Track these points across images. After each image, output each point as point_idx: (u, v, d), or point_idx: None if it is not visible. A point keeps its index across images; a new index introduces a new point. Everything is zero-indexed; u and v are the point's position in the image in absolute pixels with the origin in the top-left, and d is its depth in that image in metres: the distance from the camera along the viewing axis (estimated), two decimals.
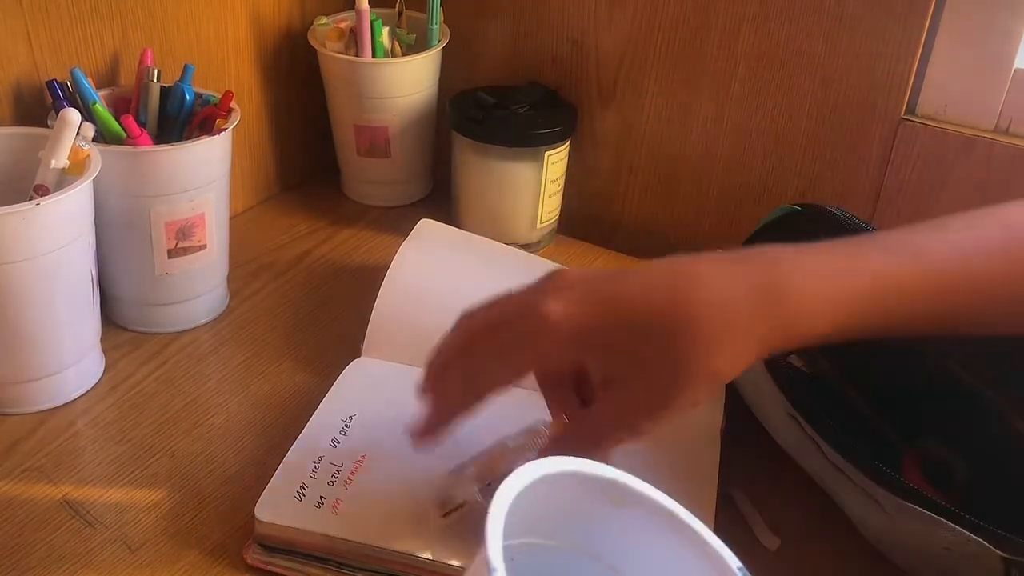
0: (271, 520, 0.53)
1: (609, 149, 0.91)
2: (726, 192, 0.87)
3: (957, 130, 0.75)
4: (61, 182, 0.61)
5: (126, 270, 0.71)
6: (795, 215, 0.67)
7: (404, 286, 0.72)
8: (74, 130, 0.61)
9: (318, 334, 0.75)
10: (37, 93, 0.69)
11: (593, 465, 0.38)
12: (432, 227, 0.79)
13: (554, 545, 0.39)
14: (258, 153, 0.92)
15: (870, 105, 0.78)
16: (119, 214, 0.68)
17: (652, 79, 0.86)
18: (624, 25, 0.85)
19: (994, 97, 0.74)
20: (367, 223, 0.92)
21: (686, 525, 0.39)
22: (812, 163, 0.82)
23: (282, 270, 0.84)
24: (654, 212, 0.91)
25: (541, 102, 0.87)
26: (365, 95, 0.88)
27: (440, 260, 0.76)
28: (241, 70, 0.87)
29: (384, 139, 0.90)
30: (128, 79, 0.75)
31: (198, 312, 0.75)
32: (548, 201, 0.87)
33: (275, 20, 0.89)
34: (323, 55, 0.88)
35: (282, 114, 0.93)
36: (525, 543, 0.38)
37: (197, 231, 0.71)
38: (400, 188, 0.95)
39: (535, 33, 0.90)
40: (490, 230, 0.88)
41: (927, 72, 0.76)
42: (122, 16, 0.74)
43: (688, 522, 0.39)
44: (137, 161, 0.67)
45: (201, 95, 0.74)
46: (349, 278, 0.83)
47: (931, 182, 0.77)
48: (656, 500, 0.39)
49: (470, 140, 0.85)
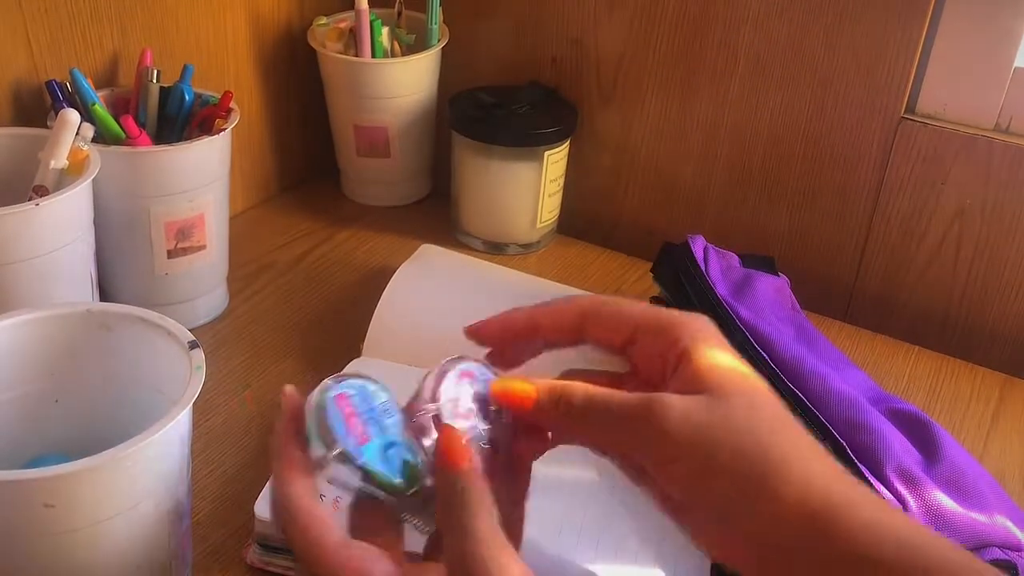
0: (271, 519, 0.53)
1: (609, 149, 0.91)
2: (726, 192, 0.87)
3: (957, 129, 0.75)
4: (60, 182, 0.61)
5: (126, 270, 0.71)
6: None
7: (407, 286, 0.72)
8: (73, 130, 0.61)
9: (318, 334, 0.75)
10: (36, 94, 0.69)
11: None
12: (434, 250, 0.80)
13: None
14: (258, 153, 0.92)
15: (870, 104, 0.78)
16: (119, 214, 0.68)
17: (652, 79, 0.86)
18: (624, 25, 0.85)
19: (994, 96, 0.74)
20: (367, 223, 0.92)
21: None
22: (812, 163, 0.82)
23: (282, 270, 0.84)
24: (654, 212, 0.91)
25: (541, 102, 0.87)
26: (365, 95, 0.88)
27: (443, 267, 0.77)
28: (241, 70, 0.87)
29: (384, 139, 0.90)
30: (127, 79, 0.75)
31: (198, 313, 0.75)
32: (548, 201, 0.87)
33: (275, 20, 0.89)
34: (323, 55, 0.88)
35: (282, 114, 0.93)
36: None
37: (197, 231, 0.71)
38: (400, 188, 0.95)
39: (535, 33, 0.90)
40: (490, 230, 0.88)
41: (927, 71, 0.76)
42: (121, 16, 0.74)
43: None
44: (136, 161, 0.67)
45: (200, 95, 0.74)
46: (349, 278, 0.83)
47: (931, 181, 0.77)
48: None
49: (470, 140, 0.85)
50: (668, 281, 0.70)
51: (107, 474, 0.41)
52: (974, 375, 0.76)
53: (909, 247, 0.80)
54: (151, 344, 0.48)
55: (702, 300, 0.65)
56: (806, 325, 0.70)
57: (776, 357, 0.61)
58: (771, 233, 0.85)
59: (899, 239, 0.80)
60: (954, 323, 0.80)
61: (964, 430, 0.70)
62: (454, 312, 0.72)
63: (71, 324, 0.49)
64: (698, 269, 0.67)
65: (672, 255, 0.71)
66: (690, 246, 0.70)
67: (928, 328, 0.81)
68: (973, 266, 0.78)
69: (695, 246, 0.70)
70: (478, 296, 0.73)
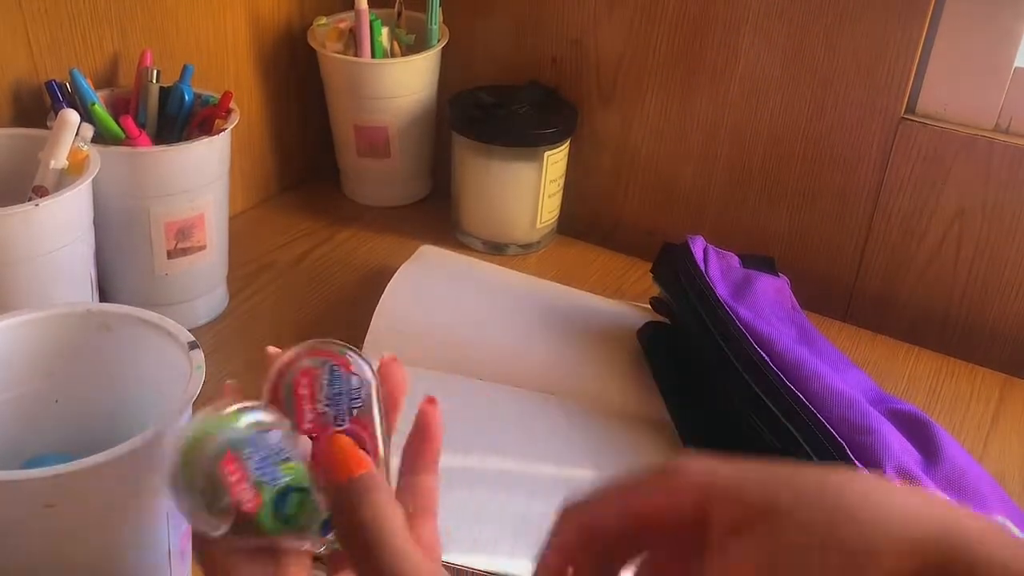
0: None
1: (609, 149, 0.91)
2: (726, 192, 0.86)
3: (957, 129, 0.75)
4: (60, 183, 0.61)
5: (126, 271, 0.71)
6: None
7: (407, 286, 0.72)
8: (73, 131, 0.61)
9: (318, 334, 0.75)
10: (36, 94, 0.69)
11: None
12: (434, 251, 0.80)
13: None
14: (258, 153, 0.92)
15: (870, 104, 0.78)
16: (118, 215, 0.68)
17: (652, 79, 0.86)
18: (624, 25, 0.85)
19: (994, 96, 0.74)
20: (367, 223, 0.92)
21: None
22: (812, 163, 0.82)
23: (282, 270, 0.84)
24: (654, 212, 0.91)
25: (541, 102, 0.87)
26: (365, 95, 0.88)
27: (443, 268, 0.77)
28: (240, 70, 0.87)
29: (384, 139, 0.90)
30: (127, 80, 0.75)
31: (198, 313, 0.75)
32: (548, 201, 0.87)
33: (275, 20, 0.89)
34: (323, 55, 0.88)
35: (282, 114, 0.93)
36: None
37: (196, 232, 0.71)
38: (400, 188, 0.95)
39: (535, 33, 0.90)
40: (490, 230, 0.88)
41: (927, 71, 0.76)
42: (121, 17, 0.74)
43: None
44: (136, 162, 0.67)
45: (200, 95, 0.74)
46: (349, 278, 0.83)
47: (931, 181, 0.77)
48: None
49: (470, 140, 0.85)
50: (668, 282, 0.70)
51: (107, 474, 0.41)
52: (974, 375, 0.76)
53: (909, 247, 0.80)
54: (151, 344, 0.48)
55: (702, 301, 0.65)
56: (806, 325, 0.70)
57: (776, 357, 0.61)
58: (771, 233, 0.85)
59: (899, 239, 0.80)
60: (954, 323, 0.80)
61: (964, 430, 0.70)
62: (454, 313, 0.73)
63: (71, 324, 0.49)
64: (698, 270, 0.67)
65: (672, 256, 0.71)
66: (690, 247, 0.70)
67: (928, 328, 0.81)
68: (973, 266, 0.78)
69: (695, 247, 0.70)
70: (478, 297, 0.73)
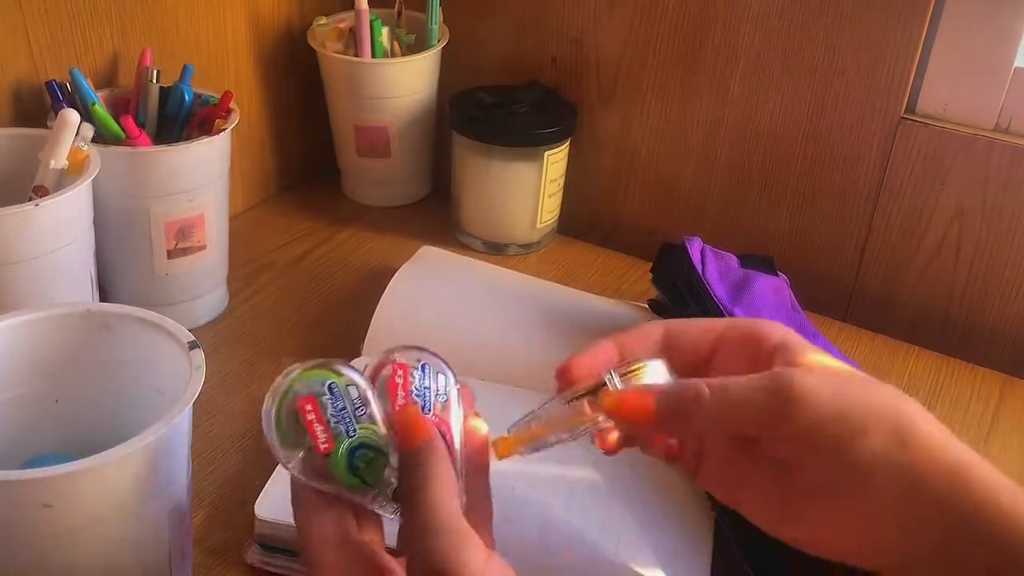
0: (271, 519, 0.53)
1: (609, 149, 0.91)
2: (726, 192, 0.87)
3: (957, 129, 0.75)
4: (60, 183, 0.61)
5: (126, 270, 0.71)
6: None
7: (407, 287, 0.72)
8: (73, 131, 0.61)
9: (318, 334, 0.75)
10: (36, 94, 0.69)
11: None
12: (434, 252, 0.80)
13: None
14: (258, 153, 0.92)
15: (870, 104, 0.78)
16: (118, 214, 0.68)
17: (652, 79, 0.86)
18: (624, 25, 0.85)
19: (994, 96, 0.74)
20: (367, 223, 0.92)
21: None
22: (812, 163, 0.82)
23: (282, 270, 0.84)
24: (654, 212, 0.91)
25: (541, 102, 0.87)
26: (365, 95, 0.88)
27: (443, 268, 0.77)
28: (240, 70, 0.87)
29: (384, 139, 0.90)
30: (127, 80, 0.75)
31: (198, 313, 0.75)
32: (548, 201, 0.87)
33: (275, 20, 0.89)
34: (323, 55, 0.88)
35: (282, 114, 0.93)
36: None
37: (196, 231, 0.71)
38: (400, 188, 0.95)
39: (535, 33, 0.90)
40: (490, 230, 0.88)
41: (927, 71, 0.76)
42: (121, 17, 0.74)
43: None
44: (136, 161, 0.67)
45: (200, 95, 0.74)
46: (349, 278, 0.83)
47: (931, 181, 0.77)
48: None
49: (470, 140, 0.85)
50: (666, 285, 0.70)
51: (107, 474, 0.41)
52: (974, 375, 0.76)
53: (909, 247, 0.80)
54: (151, 344, 0.48)
55: (699, 303, 0.65)
56: (806, 325, 0.70)
57: None
58: (771, 233, 0.85)
59: (899, 239, 0.80)
60: (954, 323, 0.80)
61: (964, 430, 0.70)
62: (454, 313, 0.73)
63: (71, 324, 0.49)
64: (695, 272, 0.67)
65: (669, 258, 0.71)
66: (687, 249, 0.69)
67: (928, 328, 0.81)
68: (973, 266, 0.78)
69: (692, 248, 0.70)
70: (478, 297, 0.73)
